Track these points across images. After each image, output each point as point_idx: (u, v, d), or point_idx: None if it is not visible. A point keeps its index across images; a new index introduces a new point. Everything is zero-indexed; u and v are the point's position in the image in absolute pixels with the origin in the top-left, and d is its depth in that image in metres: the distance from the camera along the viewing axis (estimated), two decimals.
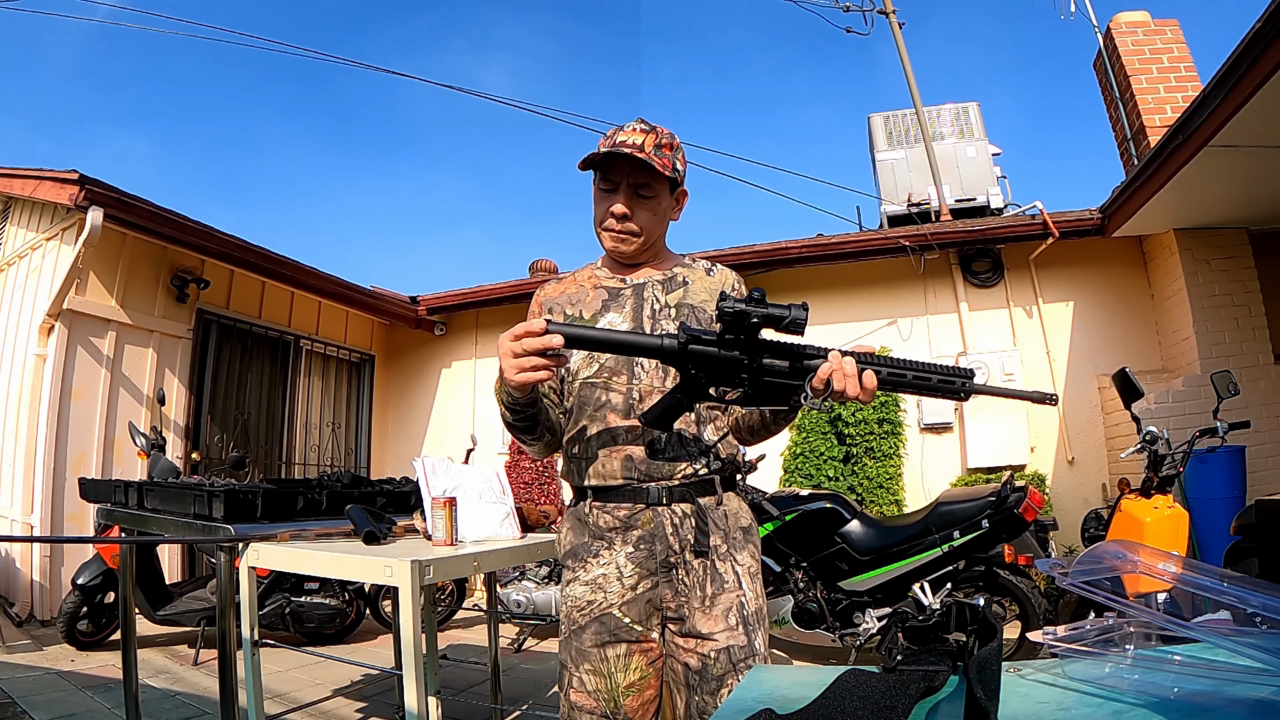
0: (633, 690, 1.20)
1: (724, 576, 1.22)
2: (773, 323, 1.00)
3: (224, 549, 1.76)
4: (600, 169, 1.27)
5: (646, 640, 1.22)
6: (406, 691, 1.49)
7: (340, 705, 3.03)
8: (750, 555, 1.26)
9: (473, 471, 2.01)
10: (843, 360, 1.02)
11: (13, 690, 2.93)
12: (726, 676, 1.19)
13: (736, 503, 1.29)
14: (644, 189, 1.25)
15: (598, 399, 1.24)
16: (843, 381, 1.01)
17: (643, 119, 1.27)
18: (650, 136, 1.24)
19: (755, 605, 1.23)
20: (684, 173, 1.31)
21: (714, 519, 1.24)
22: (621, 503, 1.22)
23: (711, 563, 1.22)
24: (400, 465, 6.53)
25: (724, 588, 1.21)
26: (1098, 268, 5.15)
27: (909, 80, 6.75)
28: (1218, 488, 3.70)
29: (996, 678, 0.47)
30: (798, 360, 1.04)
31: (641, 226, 1.27)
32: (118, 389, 4.63)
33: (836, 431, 5.16)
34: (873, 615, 3.27)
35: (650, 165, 1.21)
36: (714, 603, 1.20)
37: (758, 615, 1.23)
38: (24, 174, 4.61)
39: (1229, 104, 3.18)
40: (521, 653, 4.11)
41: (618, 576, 1.21)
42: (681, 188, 1.32)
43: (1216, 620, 0.51)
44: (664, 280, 1.32)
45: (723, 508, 1.26)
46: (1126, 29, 5.39)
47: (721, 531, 1.24)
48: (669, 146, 1.26)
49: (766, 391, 1.06)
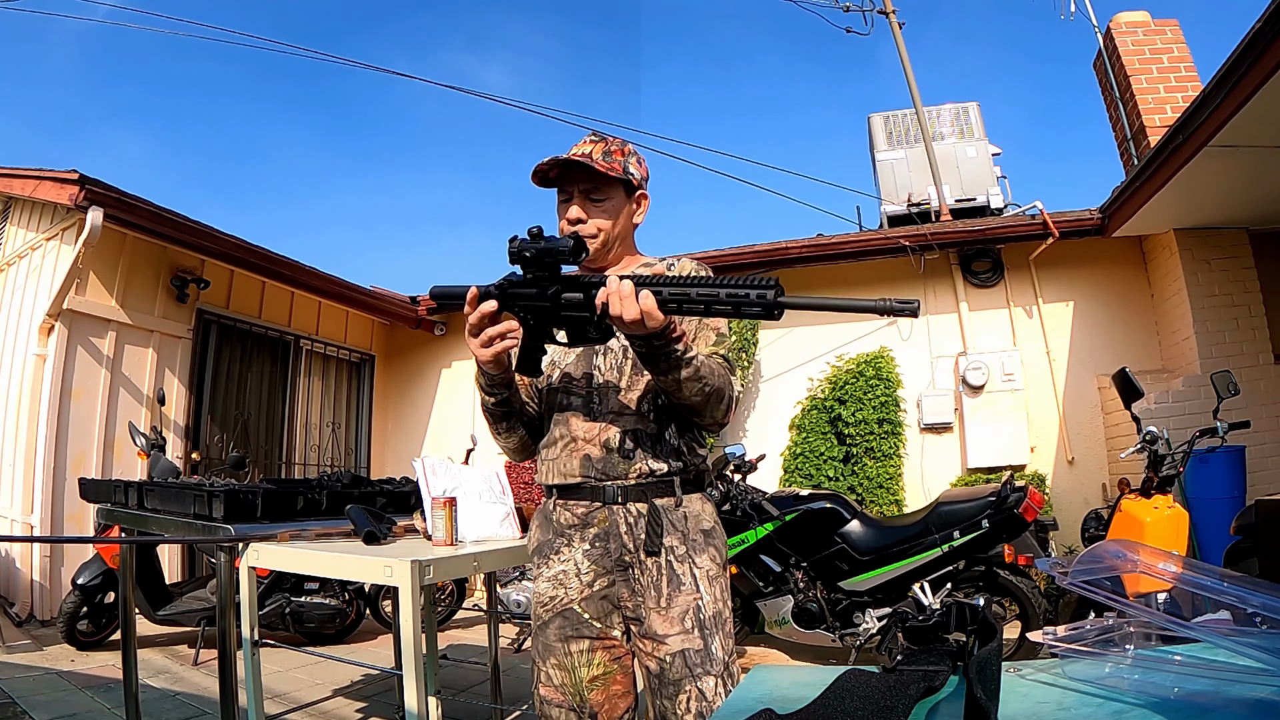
0: (597, 683, 1.22)
1: (681, 578, 1.21)
2: (553, 255, 1.07)
3: (224, 549, 1.76)
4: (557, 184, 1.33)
5: (608, 637, 1.24)
6: (406, 691, 1.49)
7: (340, 705, 3.03)
8: (711, 559, 1.24)
9: (473, 471, 2.01)
10: (620, 283, 1.03)
11: (13, 690, 2.93)
12: (684, 681, 1.18)
13: (700, 505, 1.28)
14: (595, 193, 1.30)
15: (561, 402, 1.29)
16: (618, 306, 1.02)
17: (595, 131, 1.35)
18: (599, 145, 1.30)
19: (713, 609, 1.22)
20: (640, 176, 1.35)
21: (672, 520, 1.23)
22: (580, 500, 1.26)
23: (668, 564, 1.22)
24: (400, 465, 6.53)
25: (680, 589, 1.21)
26: (1098, 268, 5.15)
27: (909, 80, 6.75)
28: (1218, 488, 3.70)
29: (996, 678, 0.47)
30: (589, 291, 1.09)
31: (599, 229, 1.30)
32: (118, 389, 4.63)
33: (836, 431, 5.16)
34: (873, 615, 3.27)
35: (592, 168, 1.25)
36: (670, 604, 1.20)
37: (716, 619, 1.22)
38: (24, 174, 4.61)
39: (1229, 104, 3.18)
40: (521, 653, 4.10)
41: (576, 573, 1.25)
42: (641, 191, 1.35)
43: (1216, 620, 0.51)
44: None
45: (683, 509, 1.25)
46: (1126, 29, 5.39)
47: (680, 533, 1.23)
48: (619, 153, 1.31)
49: (575, 327, 1.13)
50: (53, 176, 4.30)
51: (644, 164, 1.38)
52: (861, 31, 7.20)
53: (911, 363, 5.31)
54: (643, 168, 1.36)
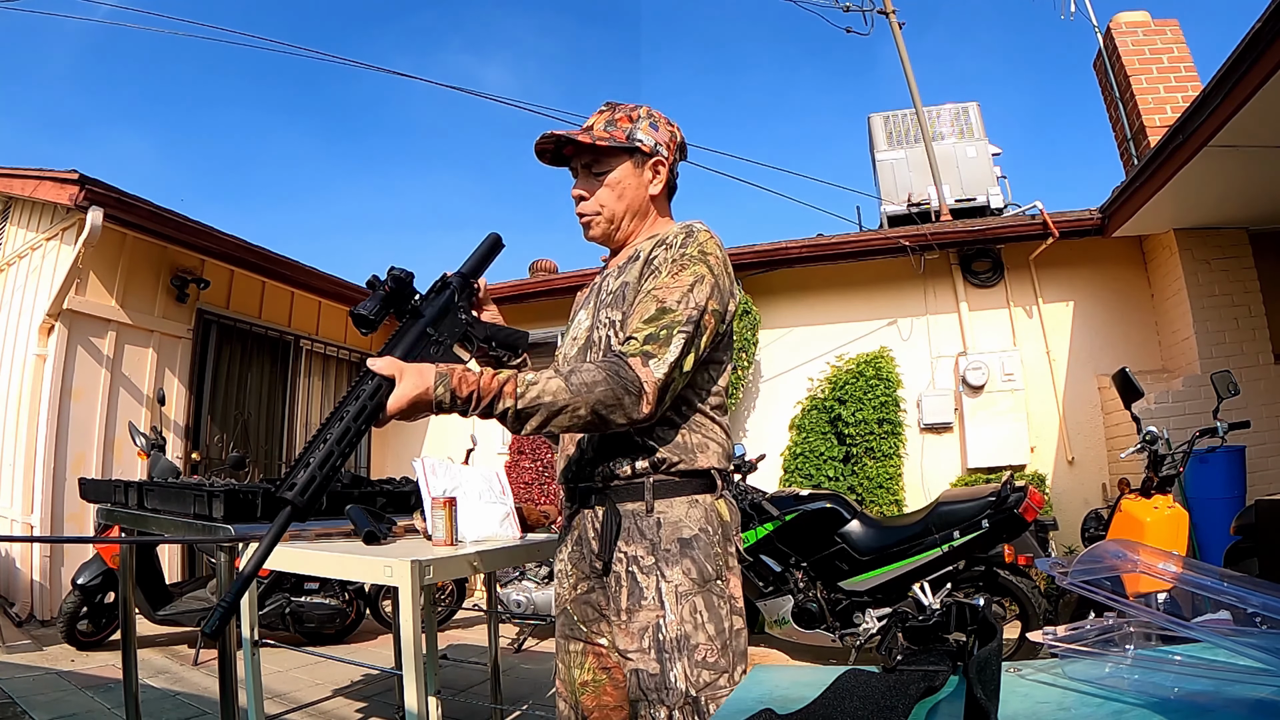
0: (588, 689, 1.18)
1: (644, 592, 1.09)
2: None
3: (224, 549, 1.76)
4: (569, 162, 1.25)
5: (595, 644, 1.18)
6: (406, 691, 1.49)
7: (340, 705, 3.03)
8: (684, 573, 1.08)
9: (473, 471, 2.01)
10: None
11: (13, 690, 2.93)
12: (639, 705, 1.08)
13: (681, 511, 1.12)
14: (596, 166, 1.21)
15: None
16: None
17: (609, 101, 1.25)
18: (604, 114, 1.22)
19: (676, 631, 1.06)
20: (654, 141, 1.21)
21: (640, 527, 1.11)
22: (568, 502, 1.23)
23: (630, 575, 1.11)
24: (400, 465, 6.53)
25: (641, 604, 1.09)
26: (1098, 268, 5.15)
27: (909, 80, 6.75)
28: (1218, 488, 3.70)
29: (996, 678, 0.47)
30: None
31: (602, 204, 1.21)
32: (118, 389, 4.63)
33: (836, 431, 5.16)
34: (873, 615, 3.27)
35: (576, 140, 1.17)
36: (630, 619, 1.10)
37: (679, 643, 1.06)
38: (24, 174, 4.61)
39: (1229, 104, 3.18)
40: (521, 653, 4.10)
41: (565, 573, 1.23)
42: (657, 158, 1.22)
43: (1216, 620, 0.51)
44: (624, 263, 1.22)
45: (655, 515, 1.11)
46: (1126, 29, 5.39)
47: (648, 542, 1.10)
48: (626, 119, 1.20)
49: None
50: (53, 176, 4.30)
51: (664, 127, 1.23)
52: (861, 32, 7.20)
53: (911, 363, 5.31)
54: (659, 131, 1.22)
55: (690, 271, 1.10)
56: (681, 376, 1.06)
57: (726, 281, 1.15)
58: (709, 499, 1.14)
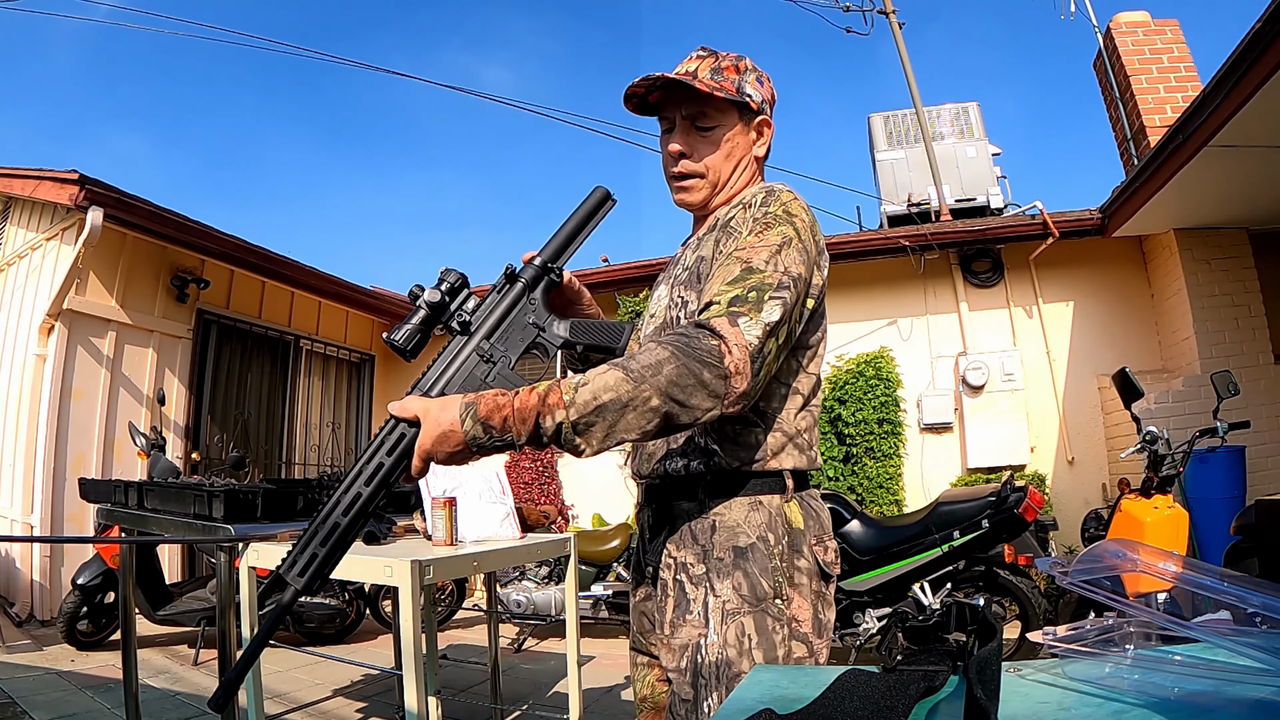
0: (646, 705, 1.06)
1: (691, 605, 0.95)
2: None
3: (224, 549, 1.76)
4: (659, 110, 1.07)
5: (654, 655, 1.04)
6: (406, 691, 1.49)
7: (340, 705, 3.03)
8: (734, 588, 0.92)
9: (473, 472, 2.01)
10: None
11: (13, 690, 2.93)
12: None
13: (740, 514, 0.95)
14: (701, 120, 1.03)
15: None
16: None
17: (704, 46, 1.07)
18: (707, 61, 1.04)
19: (718, 655, 0.91)
20: (761, 98, 1.06)
21: (693, 531, 0.97)
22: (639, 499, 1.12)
23: (678, 584, 0.97)
24: None
25: (686, 619, 0.95)
26: (1098, 268, 5.15)
27: (909, 80, 6.75)
28: (1218, 488, 3.70)
29: (996, 678, 0.47)
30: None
31: (708, 166, 1.04)
32: (118, 389, 4.63)
33: (836, 431, 5.16)
34: (873, 615, 3.27)
35: (694, 89, 0.99)
36: (674, 634, 0.96)
37: (718, 669, 0.90)
38: (24, 174, 4.61)
39: (1229, 104, 3.18)
40: (521, 653, 4.11)
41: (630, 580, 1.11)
42: (763, 116, 1.07)
43: (1216, 620, 0.51)
44: (703, 234, 1.06)
45: (711, 518, 0.96)
46: (1126, 29, 5.39)
47: (700, 548, 0.96)
48: (733, 69, 1.03)
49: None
50: (53, 176, 4.30)
51: (767, 84, 1.08)
52: (861, 31, 7.21)
53: (911, 363, 5.31)
54: (765, 88, 1.07)
55: (776, 231, 0.93)
56: (778, 349, 0.87)
57: (814, 250, 0.96)
58: (776, 501, 0.96)
